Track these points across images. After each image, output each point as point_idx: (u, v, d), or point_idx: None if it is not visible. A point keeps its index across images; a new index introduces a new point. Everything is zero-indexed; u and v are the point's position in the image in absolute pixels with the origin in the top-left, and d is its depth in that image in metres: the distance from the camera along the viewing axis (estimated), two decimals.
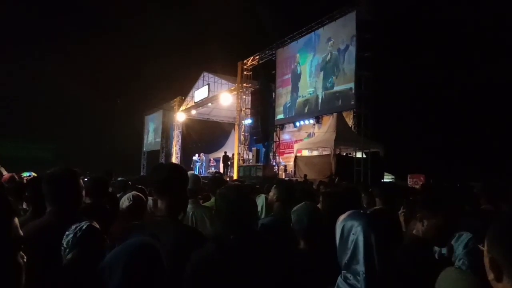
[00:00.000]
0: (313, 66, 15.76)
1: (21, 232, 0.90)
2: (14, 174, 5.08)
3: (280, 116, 17.82)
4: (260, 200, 4.10)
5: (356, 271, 1.37)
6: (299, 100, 16.48)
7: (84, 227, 1.53)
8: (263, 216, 3.72)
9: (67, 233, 1.53)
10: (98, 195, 2.80)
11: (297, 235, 2.18)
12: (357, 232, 1.41)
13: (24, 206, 3.09)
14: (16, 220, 0.90)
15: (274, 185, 3.15)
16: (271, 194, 3.10)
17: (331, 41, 14.78)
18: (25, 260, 0.90)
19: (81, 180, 2.02)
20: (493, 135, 18.55)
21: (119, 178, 5.58)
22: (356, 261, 1.38)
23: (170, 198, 1.85)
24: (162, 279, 1.12)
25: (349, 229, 1.44)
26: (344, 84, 13.94)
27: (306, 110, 16.15)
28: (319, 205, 2.53)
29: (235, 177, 17.55)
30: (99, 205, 2.35)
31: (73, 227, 1.54)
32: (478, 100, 19.43)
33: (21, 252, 0.90)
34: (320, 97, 15.24)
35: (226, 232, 1.77)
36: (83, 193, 2.06)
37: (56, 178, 1.93)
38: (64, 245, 1.51)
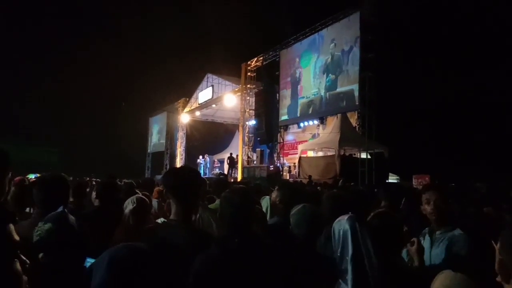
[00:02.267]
0: (317, 67, 15.74)
1: (16, 237, 0.92)
2: (24, 177, 5.12)
3: (284, 117, 17.80)
4: (265, 202, 4.08)
5: (346, 269, 1.52)
6: (303, 101, 16.46)
7: (41, 233, 1.53)
8: (268, 218, 3.71)
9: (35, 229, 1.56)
10: (107, 200, 2.84)
11: (297, 238, 2.18)
12: (343, 226, 1.59)
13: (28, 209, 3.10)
14: (11, 226, 0.92)
15: (277, 187, 3.06)
16: (273, 196, 3.01)
17: (335, 42, 14.75)
18: (27, 266, 0.91)
19: (68, 185, 2.15)
20: (498, 135, 18.42)
21: (125, 180, 5.59)
22: (346, 250, 1.54)
23: (183, 201, 1.88)
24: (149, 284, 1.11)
25: (338, 227, 1.62)
26: (348, 85, 13.91)
27: (310, 111, 16.13)
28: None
29: (239, 178, 17.56)
30: (105, 210, 2.38)
31: (40, 224, 1.55)
32: (483, 99, 19.30)
33: (20, 257, 0.91)
34: (324, 98, 15.22)
35: (230, 235, 1.78)
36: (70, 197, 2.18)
37: (41, 182, 2.06)
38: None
